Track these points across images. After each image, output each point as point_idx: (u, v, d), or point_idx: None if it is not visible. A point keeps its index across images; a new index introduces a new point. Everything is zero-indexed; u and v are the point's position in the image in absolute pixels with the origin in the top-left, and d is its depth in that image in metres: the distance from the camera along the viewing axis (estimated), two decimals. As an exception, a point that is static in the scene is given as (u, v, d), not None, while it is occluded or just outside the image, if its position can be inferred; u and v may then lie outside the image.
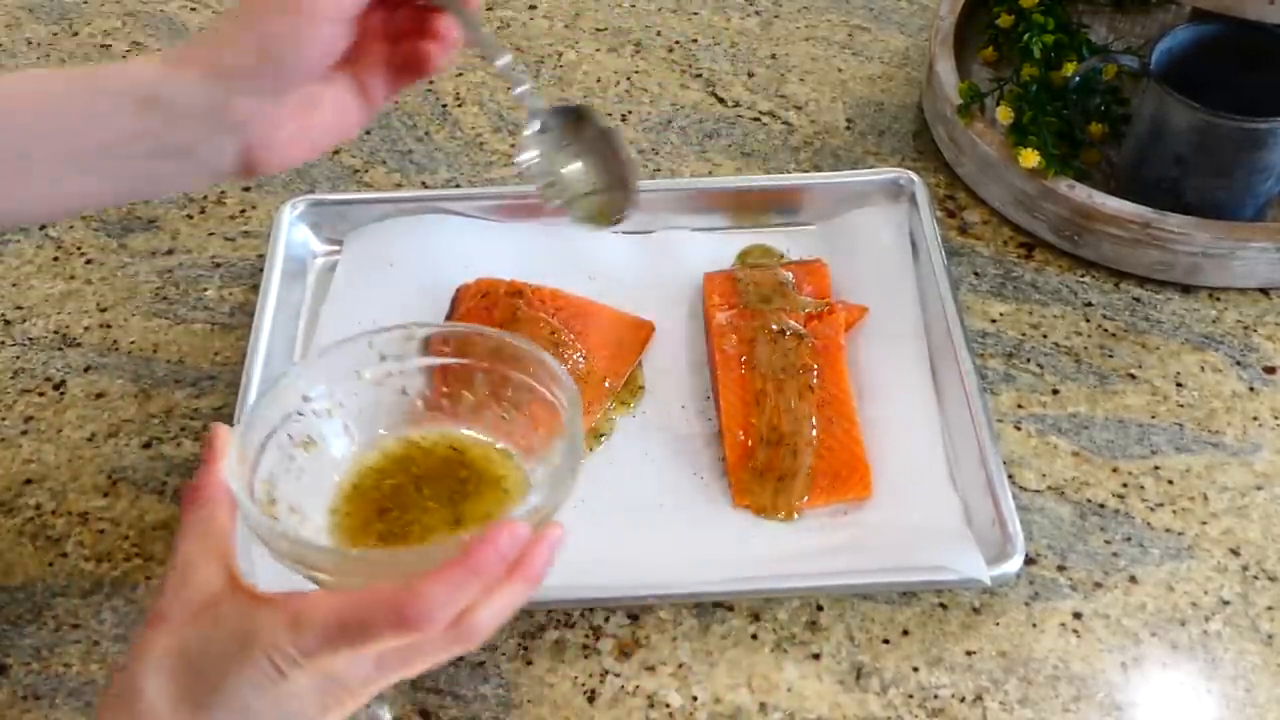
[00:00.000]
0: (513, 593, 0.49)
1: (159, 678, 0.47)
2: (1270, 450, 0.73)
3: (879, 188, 0.84)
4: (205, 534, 0.50)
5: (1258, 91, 0.79)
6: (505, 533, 0.48)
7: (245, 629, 0.46)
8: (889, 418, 0.72)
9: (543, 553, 0.50)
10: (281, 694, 0.46)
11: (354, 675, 0.47)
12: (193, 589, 0.48)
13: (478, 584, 0.47)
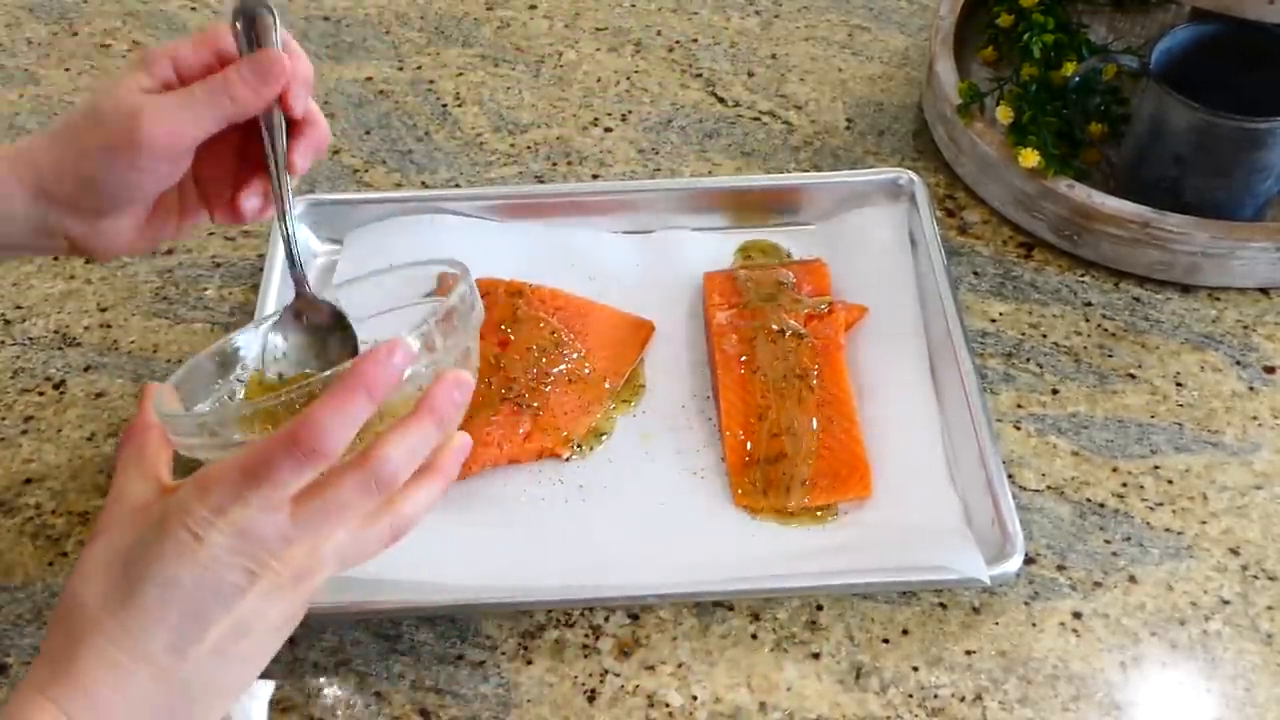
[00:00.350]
0: (420, 430, 0.49)
1: (91, 580, 0.48)
2: (1270, 450, 0.73)
3: (879, 188, 0.84)
4: (139, 460, 0.51)
5: (1258, 91, 0.79)
6: (385, 346, 0.48)
7: (163, 511, 0.47)
8: (889, 418, 0.72)
9: (445, 390, 0.50)
10: (201, 560, 0.46)
11: (270, 529, 0.47)
12: (125, 503, 0.50)
13: (365, 399, 0.47)
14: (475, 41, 1.03)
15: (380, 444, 0.49)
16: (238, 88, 0.55)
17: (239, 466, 0.46)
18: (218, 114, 0.56)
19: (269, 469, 0.46)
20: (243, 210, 0.59)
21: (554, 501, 0.70)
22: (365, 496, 0.49)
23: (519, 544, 0.68)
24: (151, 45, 1.03)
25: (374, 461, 0.48)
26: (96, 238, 0.59)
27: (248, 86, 0.55)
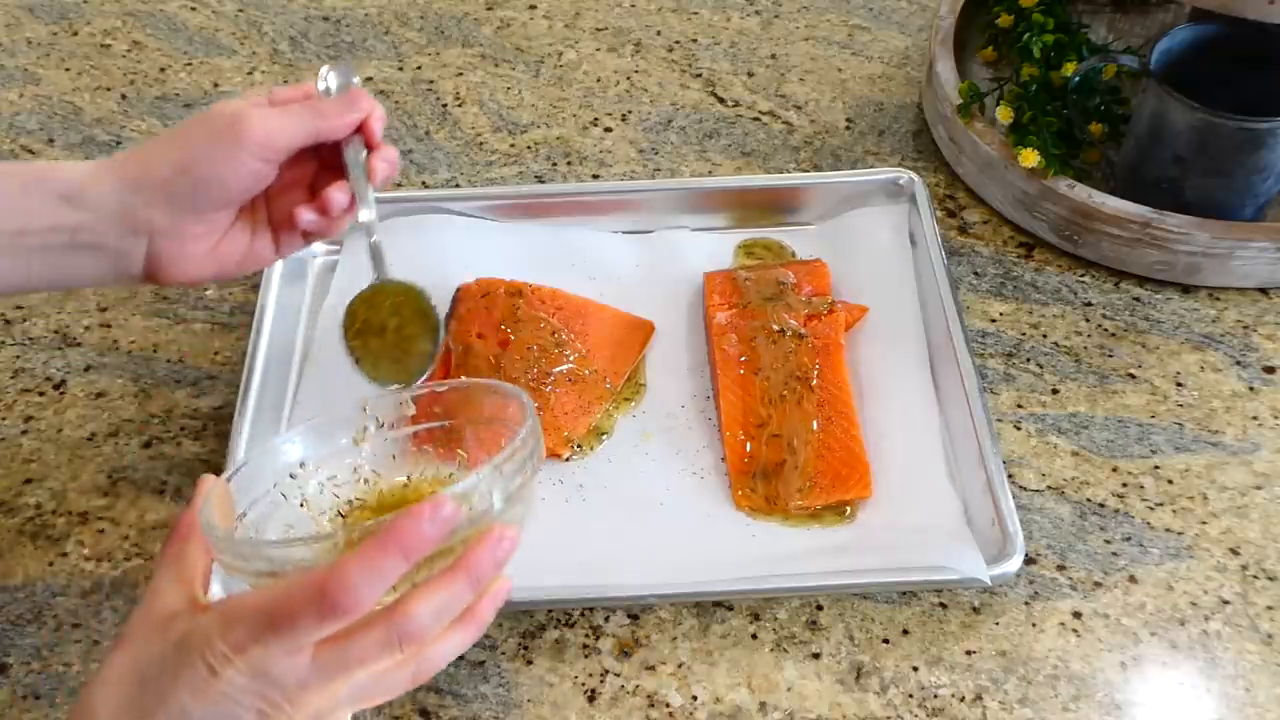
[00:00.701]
0: (453, 588, 0.48)
1: (108, 692, 0.47)
2: (1270, 450, 0.73)
3: (879, 187, 0.84)
4: (177, 565, 0.50)
5: (1258, 91, 0.79)
6: (427, 507, 0.46)
7: (185, 633, 0.46)
8: (889, 418, 0.72)
9: (486, 550, 0.49)
10: (216, 695, 0.45)
11: (288, 674, 0.46)
12: (155, 612, 0.48)
13: (400, 559, 0.46)
14: (475, 41, 1.04)
15: (409, 600, 0.47)
16: (326, 108, 0.63)
17: (264, 609, 0.45)
18: (309, 128, 0.62)
19: (292, 619, 0.45)
20: (330, 201, 0.63)
21: (554, 501, 0.70)
22: (388, 651, 0.47)
23: (520, 544, 0.67)
24: (151, 45, 1.03)
25: (400, 618, 0.47)
26: (181, 242, 0.61)
27: (335, 109, 0.63)
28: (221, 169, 0.60)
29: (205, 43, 1.04)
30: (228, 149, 0.60)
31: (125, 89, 1.00)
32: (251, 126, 0.60)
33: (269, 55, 1.03)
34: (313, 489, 0.59)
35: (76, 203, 0.59)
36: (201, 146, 0.60)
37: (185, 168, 0.60)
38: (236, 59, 1.02)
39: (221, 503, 0.53)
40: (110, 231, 0.60)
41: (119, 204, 0.60)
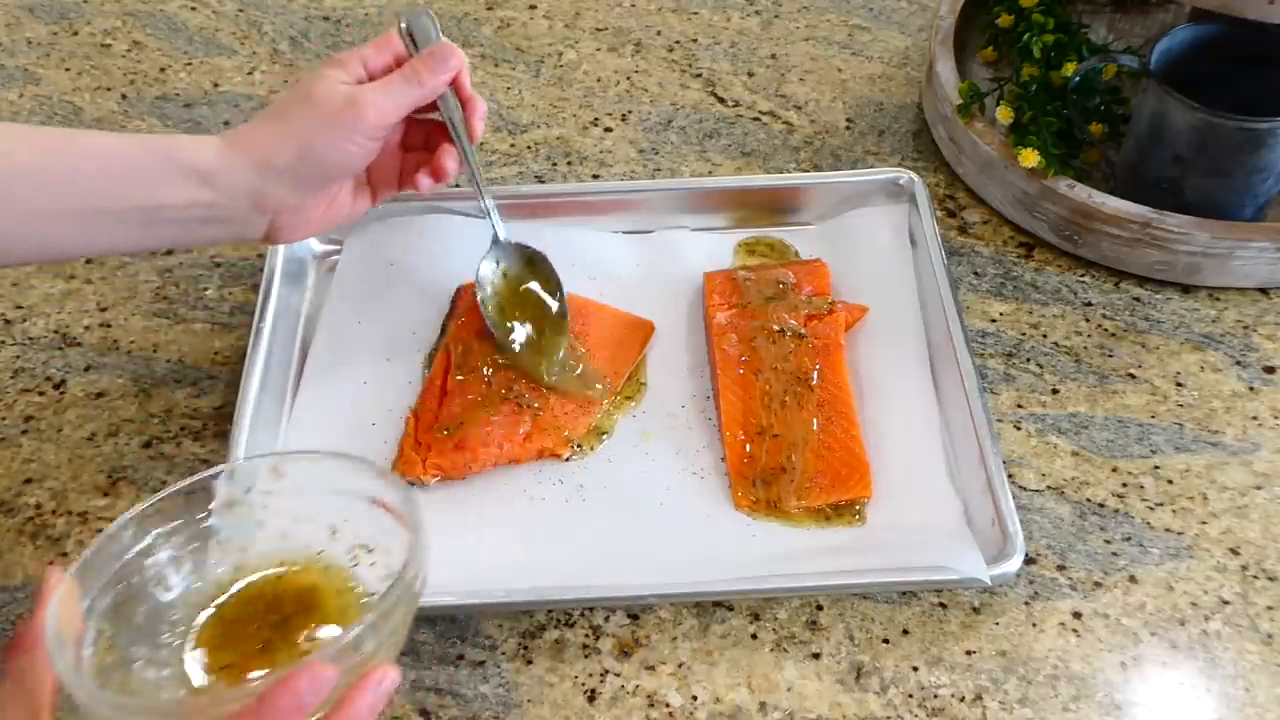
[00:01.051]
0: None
1: None
2: (1270, 450, 0.73)
3: (879, 187, 0.84)
4: (21, 682, 0.48)
5: (1258, 91, 0.79)
6: (304, 677, 0.45)
7: None
8: (889, 418, 0.72)
9: (363, 697, 0.48)
10: None
11: None
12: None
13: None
14: (475, 41, 1.03)
15: None
16: (424, 75, 0.66)
17: None
18: (412, 96, 0.66)
19: None
20: (444, 168, 0.69)
21: (554, 501, 0.70)
22: None
23: (519, 544, 0.68)
24: (151, 45, 1.03)
25: None
26: (301, 212, 0.66)
27: (431, 73, 0.66)
28: (342, 153, 0.64)
29: (205, 43, 1.04)
30: (346, 132, 0.63)
31: (125, 89, 1.00)
32: (367, 111, 0.63)
33: (269, 55, 1.03)
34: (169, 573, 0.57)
35: (211, 183, 0.62)
36: (321, 132, 0.63)
37: (308, 154, 0.63)
38: (236, 59, 1.02)
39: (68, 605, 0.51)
40: (241, 209, 0.64)
41: (250, 186, 0.63)
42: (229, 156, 0.62)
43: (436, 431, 0.71)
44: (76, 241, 0.62)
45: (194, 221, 0.63)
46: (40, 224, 0.60)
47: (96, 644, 0.53)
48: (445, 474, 0.70)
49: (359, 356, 0.77)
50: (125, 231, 0.62)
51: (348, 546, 0.59)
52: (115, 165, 0.61)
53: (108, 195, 0.60)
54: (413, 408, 0.74)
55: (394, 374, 0.76)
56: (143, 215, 0.61)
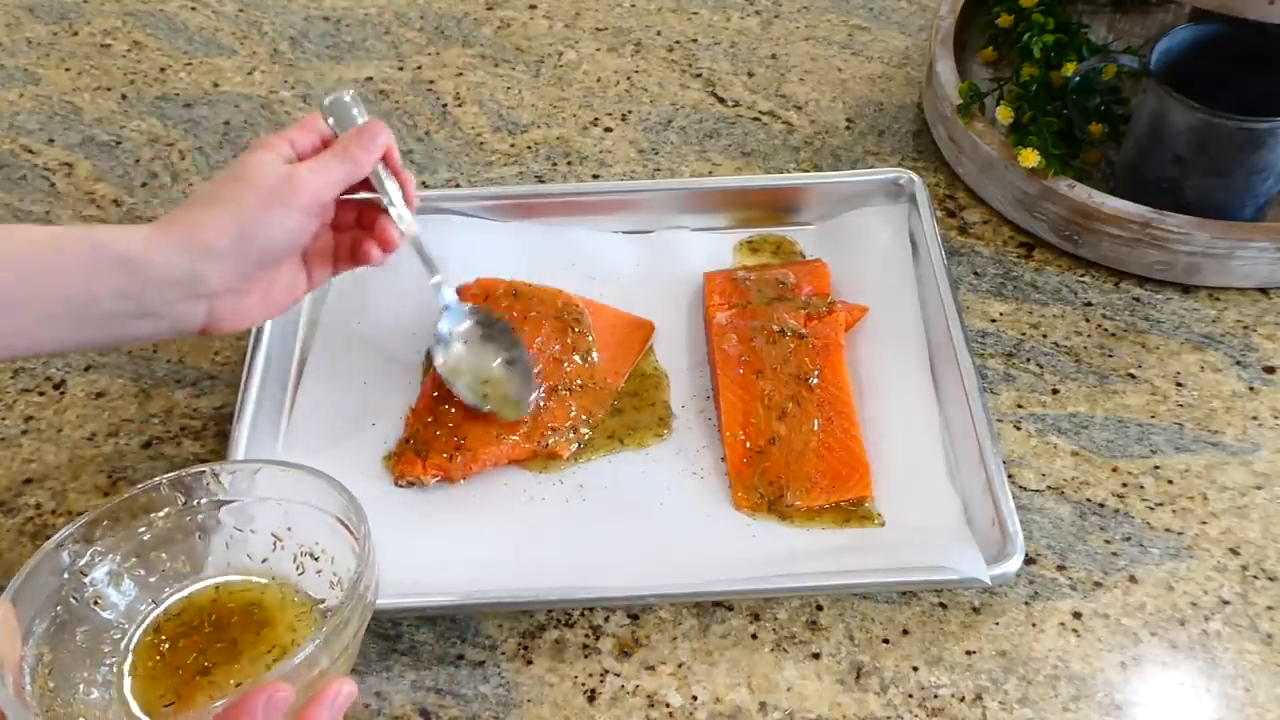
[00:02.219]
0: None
1: None
2: (1270, 450, 0.73)
3: (879, 188, 0.84)
4: None
5: (1258, 91, 0.79)
6: (260, 698, 0.45)
7: None
8: (889, 418, 0.72)
9: (319, 713, 0.47)
10: None
11: None
12: None
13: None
14: (475, 41, 1.04)
15: None
16: (356, 151, 0.66)
17: None
18: (345, 172, 0.65)
19: None
20: (390, 237, 0.69)
21: (554, 501, 0.70)
22: None
23: (519, 544, 0.68)
24: (151, 45, 1.03)
25: None
26: (239, 297, 0.63)
27: (364, 150, 0.66)
28: (282, 230, 0.62)
29: (205, 43, 1.04)
30: (284, 212, 0.62)
31: (125, 89, 1.00)
32: (303, 189, 0.62)
33: (269, 55, 1.03)
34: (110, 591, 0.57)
35: (140, 272, 0.59)
36: (260, 211, 0.61)
37: (247, 233, 0.61)
38: (236, 59, 1.02)
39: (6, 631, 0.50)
40: (174, 298, 0.60)
41: (184, 272, 0.60)
42: (160, 243, 0.59)
43: (436, 432, 0.71)
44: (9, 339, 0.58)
45: (124, 316, 0.59)
46: None
47: (36, 670, 0.52)
48: (445, 474, 0.70)
49: (359, 356, 0.77)
50: (50, 329, 0.58)
51: (293, 554, 0.59)
52: (38, 254, 0.57)
53: (30, 287, 0.57)
54: (413, 408, 0.74)
55: (394, 374, 0.76)
56: (69, 310, 0.58)
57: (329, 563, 0.58)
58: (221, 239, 0.60)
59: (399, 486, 0.71)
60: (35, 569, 0.54)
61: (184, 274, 0.60)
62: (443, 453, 0.70)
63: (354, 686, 0.49)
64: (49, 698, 0.52)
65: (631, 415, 0.74)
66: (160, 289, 0.60)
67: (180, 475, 0.59)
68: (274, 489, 0.59)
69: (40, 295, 0.57)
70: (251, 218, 0.61)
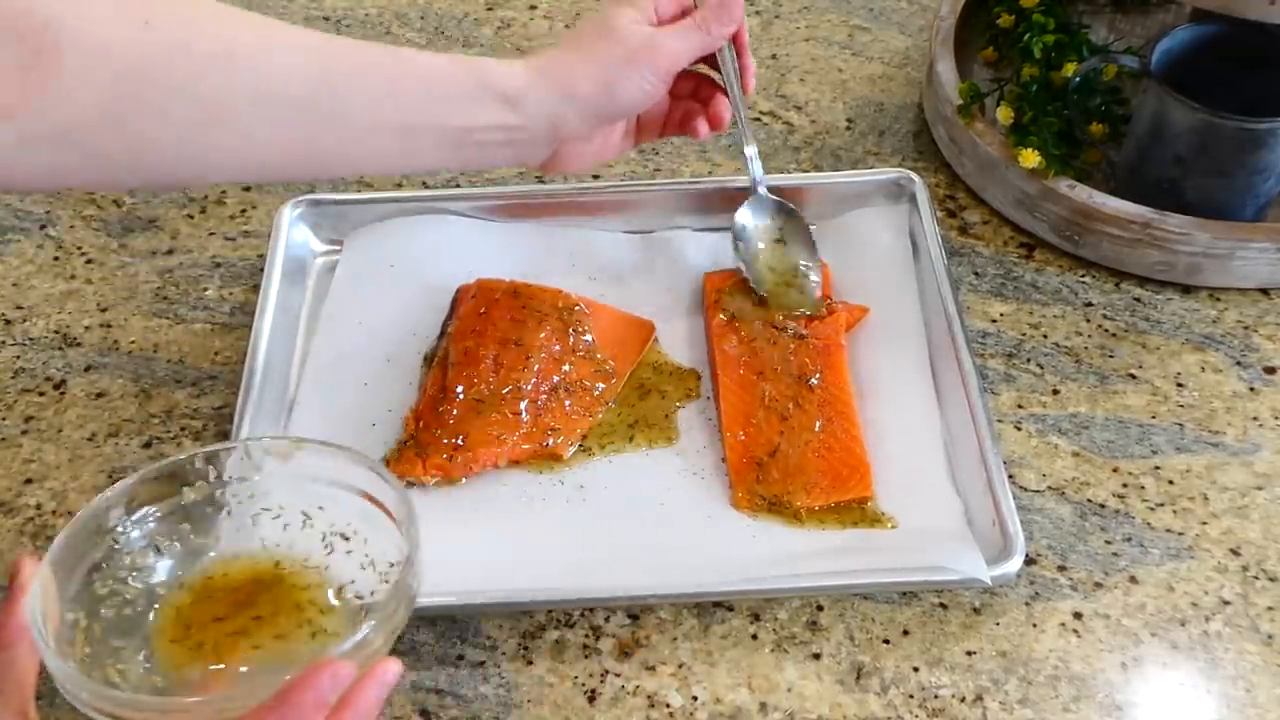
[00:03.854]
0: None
1: None
2: (1270, 450, 0.73)
3: (879, 188, 0.84)
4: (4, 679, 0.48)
5: (1258, 91, 0.79)
6: (326, 674, 0.46)
7: None
8: (889, 418, 0.72)
9: (370, 690, 0.48)
10: None
11: None
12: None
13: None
14: (475, 41, 1.03)
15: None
16: (712, 25, 0.68)
17: None
18: (701, 44, 0.68)
19: None
20: (721, 117, 0.72)
21: (554, 501, 0.70)
22: None
23: (519, 544, 0.68)
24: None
25: None
26: (583, 143, 0.69)
27: (719, 23, 0.69)
28: (637, 91, 0.66)
29: (205, 43, 1.04)
30: (642, 72, 0.65)
31: (125, 89, 0.99)
32: (663, 55, 0.66)
33: (269, 55, 1.02)
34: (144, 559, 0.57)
35: (517, 107, 0.64)
36: (622, 68, 0.65)
37: (608, 86, 0.65)
38: (237, 59, 1.02)
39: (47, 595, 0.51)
40: (539, 134, 0.66)
41: (552, 112, 0.65)
42: (536, 82, 0.64)
43: (436, 432, 0.71)
44: (393, 159, 0.63)
45: (495, 144, 0.65)
46: (365, 140, 0.61)
47: (74, 635, 0.52)
48: (445, 474, 0.70)
49: (359, 356, 0.77)
50: (436, 152, 0.64)
51: (321, 533, 0.59)
52: (434, 85, 0.62)
53: (426, 114, 0.62)
54: (413, 408, 0.74)
55: (394, 374, 0.76)
56: (454, 135, 0.63)
57: (361, 544, 0.58)
58: (588, 87, 0.65)
59: (399, 486, 0.71)
60: (71, 536, 0.54)
61: (550, 114, 0.65)
62: (443, 453, 0.70)
63: (400, 666, 0.50)
64: (85, 663, 0.52)
65: (632, 415, 0.74)
66: (529, 123, 0.64)
67: (214, 449, 0.59)
68: (307, 467, 0.59)
69: (437, 122, 0.62)
70: (616, 72, 0.65)
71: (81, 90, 0.51)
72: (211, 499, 0.59)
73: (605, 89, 0.65)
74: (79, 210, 0.90)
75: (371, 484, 0.57)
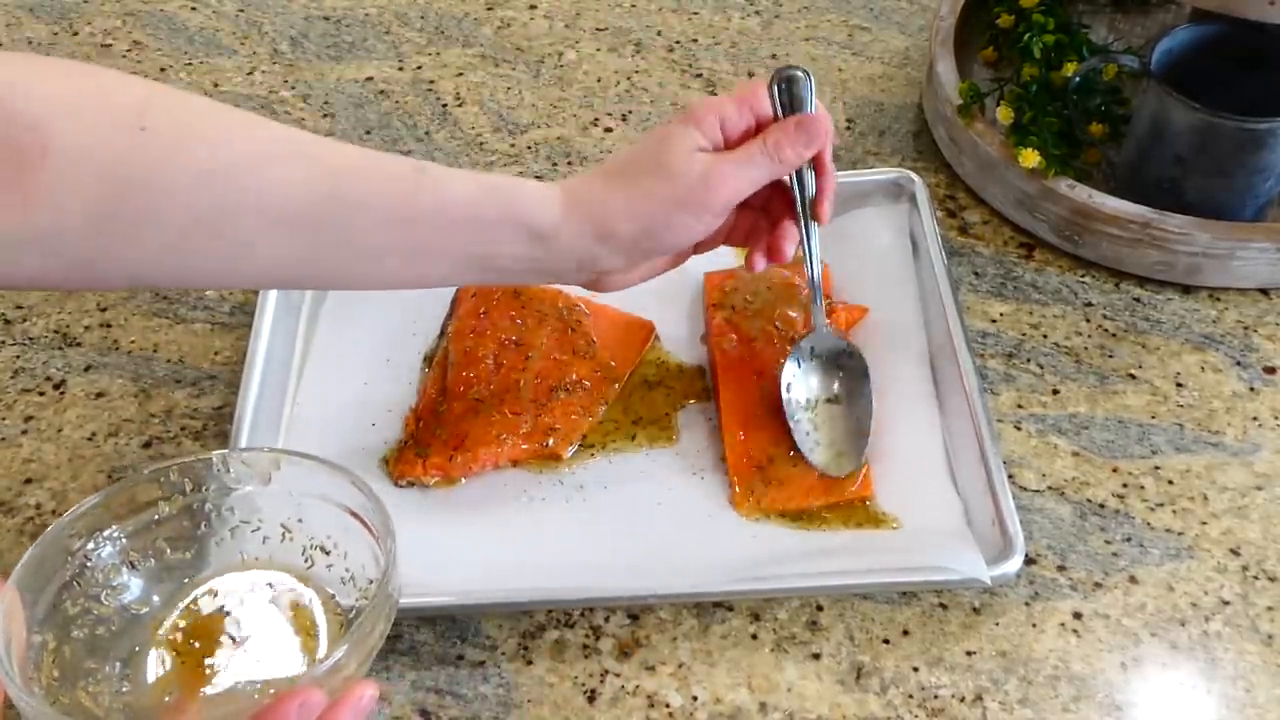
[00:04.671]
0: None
1: None
2: (1270, 450, 0.73)
3: (879, 188, 0.84)
4: None
5: (1258, 91, 0.79)
6: (294, 704, 0.45)
7: None
8: (889, 418, 0.72)
9: (344, 715, 0.47)
10: None
11: None
12: None
13: None
14: (475, 41, 1.03)
15: None
16: (786, 150, 0.61)
17: None
18: (770, 172, 0.61)
19: None
20: (783, 250, 0.65)
21: (554, 501, 0.70)
22: None
23: (519, 544, 0.68)
24: (151, 45, 1.03)
25: None
26: (621, 275, 0.63)
27: (795, 149, 0.61)
28: (684, 233, 0.61)
29: (205, 43, 1.04)
30: (694, 215, 0.60)
31: (125, 89, 0.99)
32: (720, 189, 0.60)
33: (269, 55, 1.03)
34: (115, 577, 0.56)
35: (546, 244, 0.60)
36: (671, 211, 0.59)
37: (652, 230, 0.60)
38: (237, 59, 1.02)
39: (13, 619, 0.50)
40: (568, 268, 0.62)
41: (584, 251, 0.60)
42: (570, 220, 0.59)
43: (436, 432, 0.71)
44: (404, 278, 0.60)
45: (521, 272, 0.61)
46: (373, 261, 0.58)
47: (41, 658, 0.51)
48: (445, 475, 0.70)
49: (359, 356, 0.77)
50: (454, 272, 0.60)
51: (301, 547, 0.58)
52: (457, 212, 0.58)
53: (444, 240, 0.58)
54: (413, 408, 0.74)
55: (394, 374, 0.76)
56: (476, 263, 0.60)
57: (341, 558, 0.58)
58: (627, 228, 0.60)
59: (399, 487, 0.71)
60: (40, 554, 0.53)
61: (583, 252, 0.60)
62: (443, 453, 0.70)
63: (376, 689, 0.49)
64: (54, 687, 0.51)
65: (632, 415, 0.74)
66: (559, 259, 0.60)
67: (189, 462, 0.58)
68: (285, 479, 0.58)
69: (458, 250, 0.59)
70: (660, 215, 0.59)
71: (66, 196, 0.49)
72: (188, 513, 0.58)
73: (648, 232, 0.60)
74: (79, 210, 0.90)
75: (350, 497, 0.57)
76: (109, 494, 0.56)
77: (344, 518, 0.57)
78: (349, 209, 0.55)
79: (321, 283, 0.61)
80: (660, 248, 0.61)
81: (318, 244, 0.56)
